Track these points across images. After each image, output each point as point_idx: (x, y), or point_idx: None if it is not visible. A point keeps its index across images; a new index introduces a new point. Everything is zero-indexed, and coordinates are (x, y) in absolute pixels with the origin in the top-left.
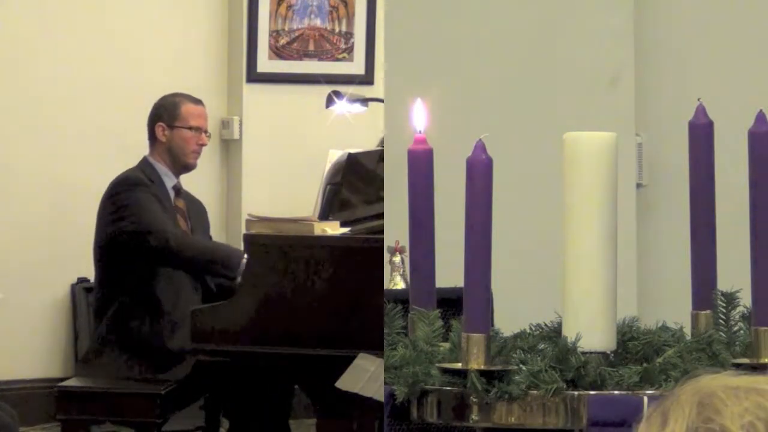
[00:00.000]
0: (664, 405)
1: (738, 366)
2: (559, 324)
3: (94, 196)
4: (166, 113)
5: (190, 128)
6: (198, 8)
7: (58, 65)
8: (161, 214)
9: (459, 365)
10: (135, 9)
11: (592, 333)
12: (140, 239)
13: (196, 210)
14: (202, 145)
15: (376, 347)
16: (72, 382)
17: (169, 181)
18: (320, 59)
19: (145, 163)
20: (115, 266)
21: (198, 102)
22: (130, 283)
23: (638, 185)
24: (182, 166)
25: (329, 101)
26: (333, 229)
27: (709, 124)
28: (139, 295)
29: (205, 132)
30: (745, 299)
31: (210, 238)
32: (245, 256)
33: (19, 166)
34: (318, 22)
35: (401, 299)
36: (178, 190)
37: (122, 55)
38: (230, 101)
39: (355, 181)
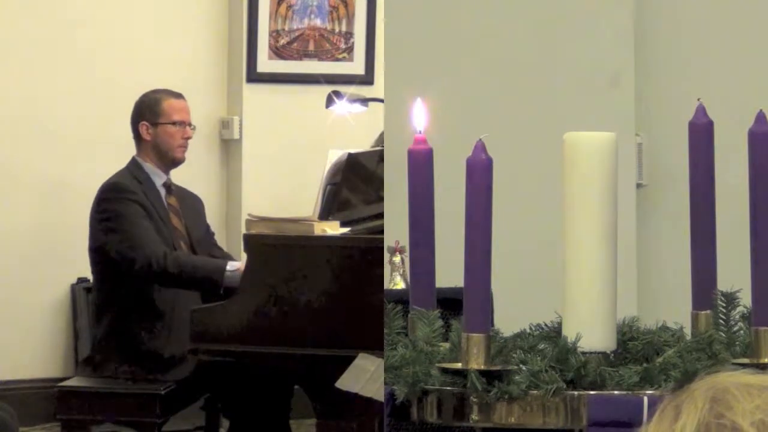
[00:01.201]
0: (679, 399)
1: (742, 366)
2: (559, 324)
3: (94, 196)
4: (147, 111)
5: (173, 123)
6: (198, 8)
7: (58, 65)
8: (146, 232)
9: (459, 365)
10: (135, 9)
11: (592, 333)
12: (124, 260)
13: (190, 205)
14: (188, 138)
15: (376, 347)
16: (72, 382)
17: (159, 179)
18: (320, 59)
19: (133, 164)
20: (111, 270)
21: (179, 96)
22: (126, 286)
23: (638, 185)
24: (170, 162)
25: (329, 101)
26: (333, 229)
27: (709, 124)
28: (137, 297)
29: (189, 125)
30: (745, 299)
31: (209, 231)
32: (227, 267)
33: (18, 166)
34: (318, 22)
35: (401, 299)
36: (168, 187)
37: (122, 55)
38: (230, 101)
39: (355, 181)
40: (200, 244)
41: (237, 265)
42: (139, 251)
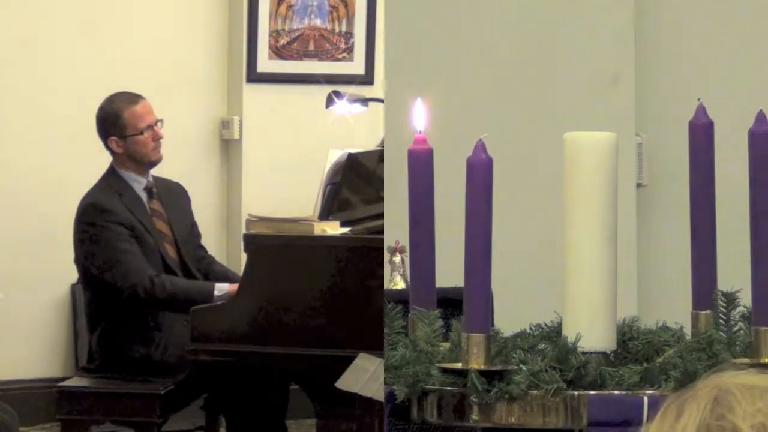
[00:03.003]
0: (682, 398)
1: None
2: (559, 324)
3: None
4: (113, 127)
5: (141, 132)
6: (198, 8)
7: (58, 66)
8: (131, 258)
9: (459, 365)
10: (135, 9)
11: (592, 333)
12: (111, 288)
13: (174, 203)
14: (159, 138)
15: (376, 347)
16: (72, 382)
17: (139, 185)
18: (320, 59)
19: (112, 174)
20: (98, 285)
21: (136, 100)
22: (117, 298)
23: (638, 185)
24: (148, 165)
25: (329, 101)
26: (333, 229)
27: (709, 124)
28: (128, 308)
29: (156, 123)
30: (745, 299)
31: (194, 227)
32: (215, 292)
33: (19, 166)
34: (318, 22)
35: (401, 299)
36: (150, 190)
37: (122, 55)
38: (230, 101)
39: (355, 181)
40: (186, 244)
41: (225, 288)
42: (124, 280)
